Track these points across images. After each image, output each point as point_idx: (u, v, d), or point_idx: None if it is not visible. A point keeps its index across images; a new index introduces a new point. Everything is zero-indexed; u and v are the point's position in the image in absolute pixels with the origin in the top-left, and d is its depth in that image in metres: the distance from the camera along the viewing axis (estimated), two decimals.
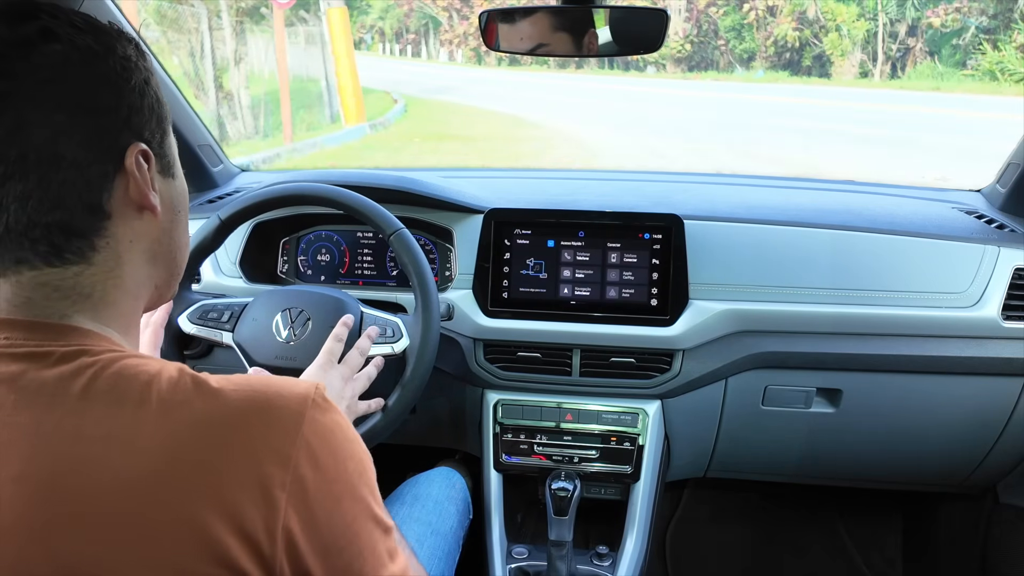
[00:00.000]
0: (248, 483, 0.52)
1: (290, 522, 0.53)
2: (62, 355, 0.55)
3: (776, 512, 1.93)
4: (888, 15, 17.69)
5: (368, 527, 0.59)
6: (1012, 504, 1.49)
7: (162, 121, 0.64)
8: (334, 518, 0.56)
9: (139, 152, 0.60)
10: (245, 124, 9.97)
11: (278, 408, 0.55)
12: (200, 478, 0.51)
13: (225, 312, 1.19)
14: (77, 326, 0.58)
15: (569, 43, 1.10)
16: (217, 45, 9.75)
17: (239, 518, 0.51)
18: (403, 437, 1.53)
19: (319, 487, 0.55)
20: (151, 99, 0.62)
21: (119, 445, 0.51)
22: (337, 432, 0.58)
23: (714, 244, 1.32)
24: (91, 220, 0.58)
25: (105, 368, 0.54)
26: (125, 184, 0.60)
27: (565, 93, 16.57)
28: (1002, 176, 1.48)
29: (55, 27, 0.56)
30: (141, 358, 0.57)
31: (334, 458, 0.57)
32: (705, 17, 21.30)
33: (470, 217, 1.39)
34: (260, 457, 0.53)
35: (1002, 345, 1.26)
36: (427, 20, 30.78)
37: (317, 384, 0.59)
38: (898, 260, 1.29)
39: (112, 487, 0.50)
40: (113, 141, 0.58)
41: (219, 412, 0.54)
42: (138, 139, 0.60)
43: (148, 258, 0.64)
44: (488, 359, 1.35)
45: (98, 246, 0.59)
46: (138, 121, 0.60)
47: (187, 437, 0.52)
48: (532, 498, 1.47)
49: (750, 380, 1.34)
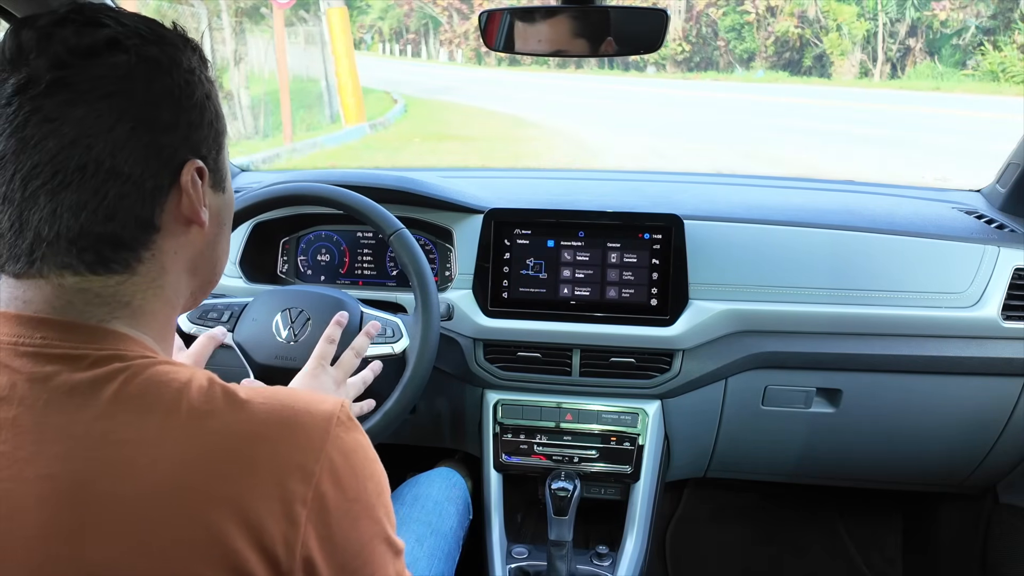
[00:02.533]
0: (271, 497, 0.52)
1: (309, 539, 0.53)
2: (96, 359, 0.55)
3: (776, 512, 1.93)
4: (888, 15, 17.69)
5: (381, 549, 0.59)
6: (1012, 504, 1.49)
7: (219, 136, 0.65)
8: (351, 537, 0.57)
9: (195, 169, 0.60)
10: (245, 124, 9.97)
11: (304, 424, 0.56)
12: (223, 489, 0.51)
13: (225, 312, 1.20)
14: (113, 330, 0.58)
15: (569, 43, 1.10)
16: (217, 45, 9.76)
17: (259, 531, 0.51)
18: (403, 437, 1.53)
19: (339, 505, 0.55)
20: (211, 115, 0.62)
21: (147, 451, 0.52)
22: (359, 451, 0.59)
23: (714, 244, 1.32)
24: (141, 234, 0.58)
25: (137, 374, 0.55)
26: (178, 199, 0.60)
27: (565, 93, 16.56)
28: (1002, 176, 1.48)
29: (122, 37, 0.56)
30: (173, 365, 0.57)
31: (355, 477, 0.57)
32: (705, 17, 21.31)
33: (470, 217, 1.39)
34: (284, 472, 0.53)
35: (1002, 345, 1.26)
36: (427, 20, 30.79)
37: (344, 402, 0.60)
38: (898, 260, 1.29)
39: (138, 493, 0.50)
40: (171, 157, 0.58)
41: (246, 425, 0.54)
42: (195, 155, 0.60)
43: (189, 268, 0.64)
44: (488, 359, 1.35)
45: (143, 258, 0.59)
46: (197, 137, 0.61)
47: (213, 447, 0.53)
48: (532, 498, 1.48)
49: (750, 380, 1.34)
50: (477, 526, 1.35)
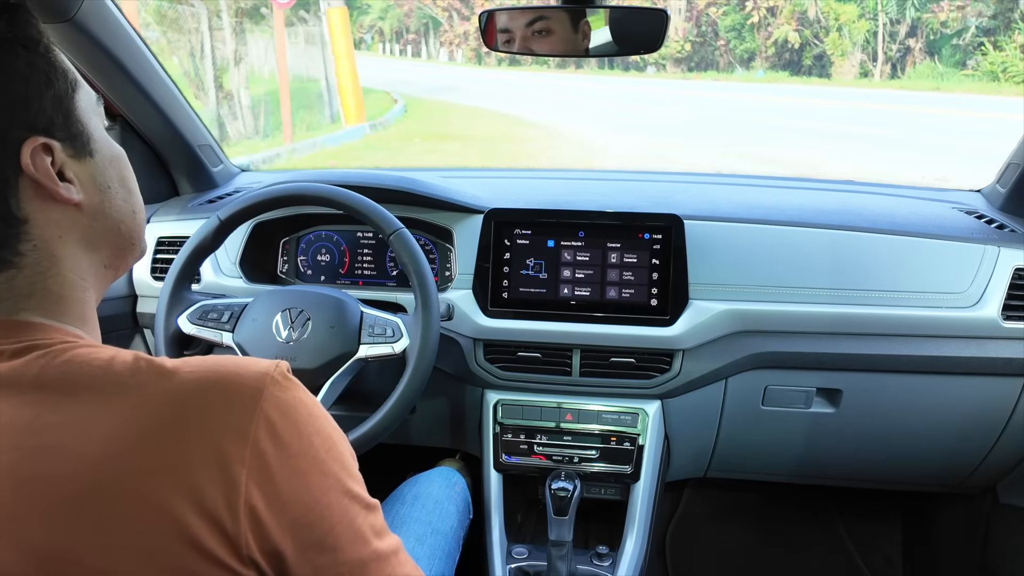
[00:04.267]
0: (206, 461, 0.51)
1: (252, 498, 0.52)
2: (13, 351, 0.54)
3: (776, 512, 1.93)
4: (888, 15, 17.69)
5: (342, 502, 0.58)
6: (1012, 504, 1.49)
7: (61, 99, 0.58)
8: (301, 493, 0.55)
9: (35, 147, 0.55)
10: (245, 124, 9.97)
11: (235, 385, 0.54)
12: (159, 459, 0.50)
13: (225, 312, 1.19)
14: (26, 321, 0.57)
15: (569, 43, 1.10)
16: (217, 45, 9.75)
17: (200, 497, 0.50)
18: (403, 437, 1.53)
19: (282, 462, 0.54)
20: (39, 81, 0.56)
21: (76, 431, 0.51)
22: (300, 408, 0.57)
23: (714, 244, 1.32)
24: (7, 229, 0.55)
25: (56, 357, 0.54)
26: (34, 184, 0.56)
27: (565, 93, 16.56)
28: (1002, 176, 1.48)
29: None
30: (94, 347, 0.56)
31: (298, 433, 0.55)
32: (705, 17, 21.31)
33: (470, 217, 1.39)
34: (217, 435, 0.52)
35: (1002, 345, 1.26)
36: (427, 20, 30.78)
37: (278, 362, 0.58)
38: (898, 260, 1.29)
39: (73, 474, 0.50)
40: (1, 144, 0.54)
41: (174, 392, 0.53)
42: (31, 132, 0.55)
43: (85, 245, 0.61)
44: (488, 359, 1.35)
45: (23, 251, 0.56)
46: (29, 112, 0.55)
47: (143, 419, 0.51)
48: (532, 498, 1.48)
49: (750, 380, 1.34)
50: (477, 526, 1.35)
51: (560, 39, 1.10)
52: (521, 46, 1.12)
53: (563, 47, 1.10)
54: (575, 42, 1.09)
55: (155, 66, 1.44)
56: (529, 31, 1.10)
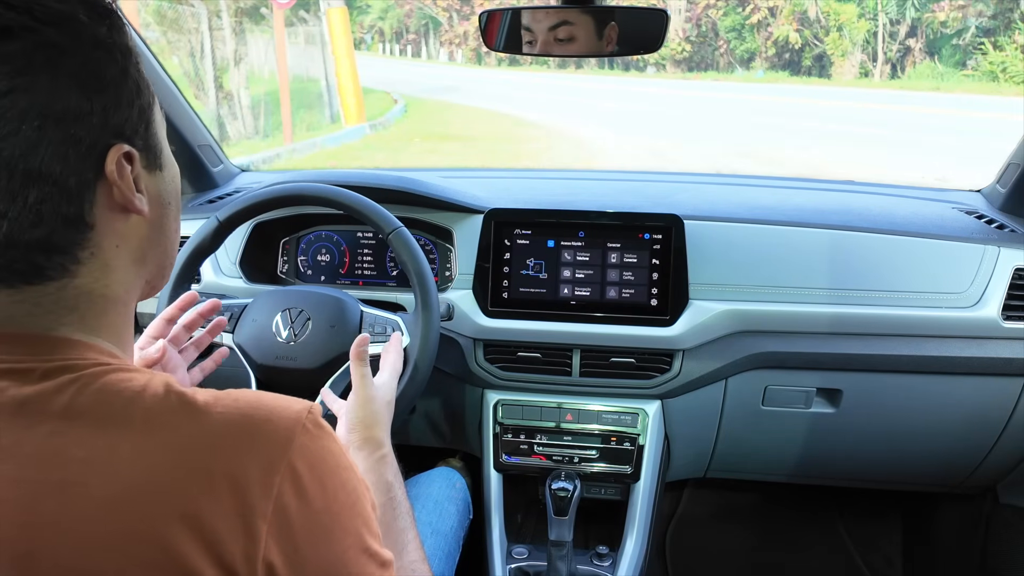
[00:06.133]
0: (230, 513, 0.50)
1: (271, 555, 0.51)
2: (45, 371, 0.52)
3: (776, 512, 1.93)
4: (888, 15, 17.69)
5: (360, 560, 0.56)
6: (1012, 504, 1.49)
7: (145, 110, 0.58)
8: (320, 551, 0.53)
9: (121, 155, 0.55)
10: (245, 124, 9.97)
11: (265, 433, 0.53)
12: (180, 505, 0.49)
13: (225, 313, 1.19)
14: (63, 337, 0.55)
15: (569, 43, 1.10)
16: (217, 45, 9.75)
17: (218, 547, 0.49)
18: (403, 437, 1.53)
19: (304, 518, 0.53)
20: (130, 89, 0.56)
21: (99, 468, 0.49)
22: (328, 459, 0.55)
23: (714, 244, 1.32)
24: (72, 234, 0.54)
25: (88, 384, 0.52)
26: (108, 191, 0.55)
27: (565, 93, 16.56)
28: (1002, 176, 1.48)
29: (12, 23, 0.49)
30: (127, 371, 0.55)
31: (322, 487, 0.54)
32: (705, 17, 21.31)
33: (470, 217, 1.39)
34: (243, 486, 0.51)
35: (1002, 345, 1.26)
36: (427, 20, 30.79)
37: (311, 406, 0.56)
38: (898, 260, 1.29)
39: (90, 512, 0.48)
40: (91, 147, 0.53)
41: (202, 436, 0.52)
42: (119, 139, 0.55)
43: (137, 258, 0.60)
44: (488, 359, 1.35)
45: (81, 258, 0.55)
46: (117, 119, 0.55)
47: (168, 462, 0.50)
48: (532, 498, 1.48)
49: (750, 380, 1.34)
50: (477, 526, 1.35)
51: (560, 39, 1.10)
52: (521, 46, 1.12)
53: (563, 47, 1.10)
54: (576, 42, 1.09)
55: (155, 66, 1.44)
56: (529, 31, 1.10)
